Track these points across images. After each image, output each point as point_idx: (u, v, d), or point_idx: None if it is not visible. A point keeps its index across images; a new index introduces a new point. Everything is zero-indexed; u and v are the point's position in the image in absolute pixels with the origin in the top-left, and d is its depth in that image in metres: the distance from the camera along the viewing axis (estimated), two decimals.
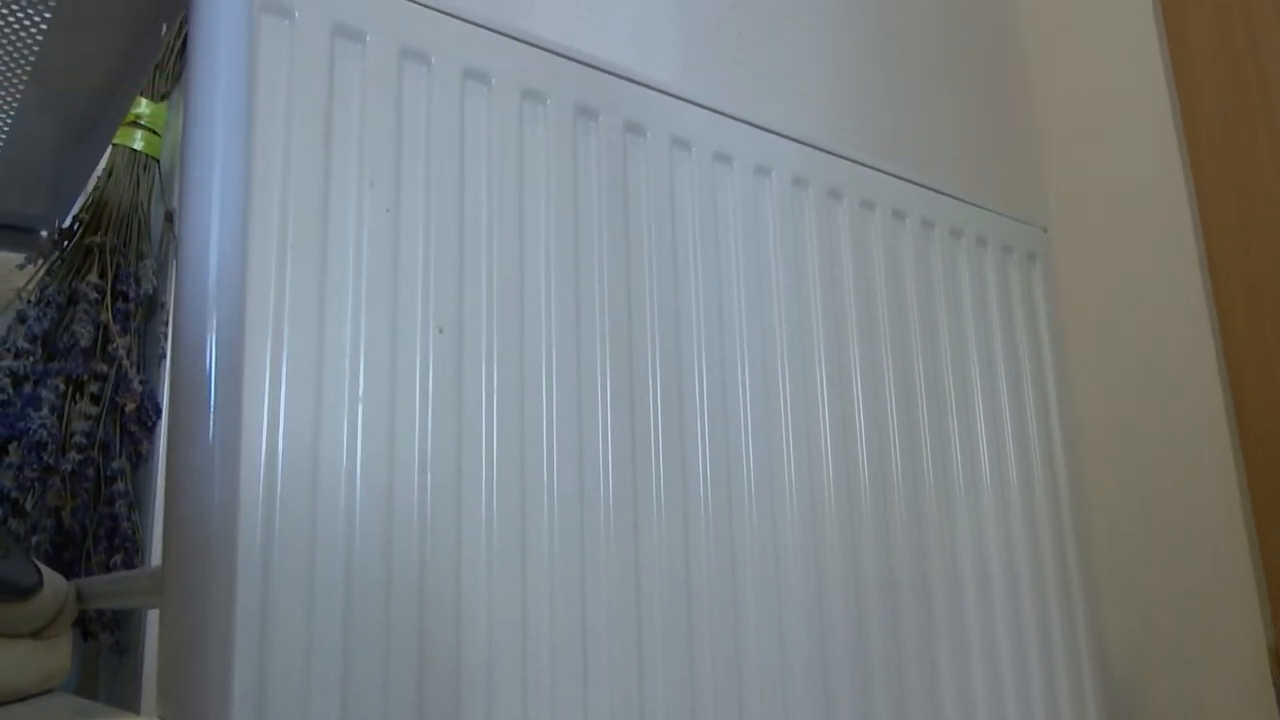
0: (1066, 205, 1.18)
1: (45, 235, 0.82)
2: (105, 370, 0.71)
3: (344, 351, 0.47)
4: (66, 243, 0.77)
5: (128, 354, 0.71)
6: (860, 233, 0.74)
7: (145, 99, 0.79)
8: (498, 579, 0.49)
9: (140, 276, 0.75)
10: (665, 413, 0.59)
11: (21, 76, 0.62)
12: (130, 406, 0.70)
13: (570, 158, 0.58)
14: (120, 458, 0.70)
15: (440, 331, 0.50)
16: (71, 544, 0.68)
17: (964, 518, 0.75)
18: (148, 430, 0.72)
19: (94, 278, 0.72)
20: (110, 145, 0.77)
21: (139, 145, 0.79)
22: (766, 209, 0.69)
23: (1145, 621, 1.05)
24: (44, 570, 0.55)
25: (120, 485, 0.69)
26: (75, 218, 0.78)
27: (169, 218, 0.78)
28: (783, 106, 0.95)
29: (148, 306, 0.76)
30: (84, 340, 0.70)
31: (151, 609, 0.65)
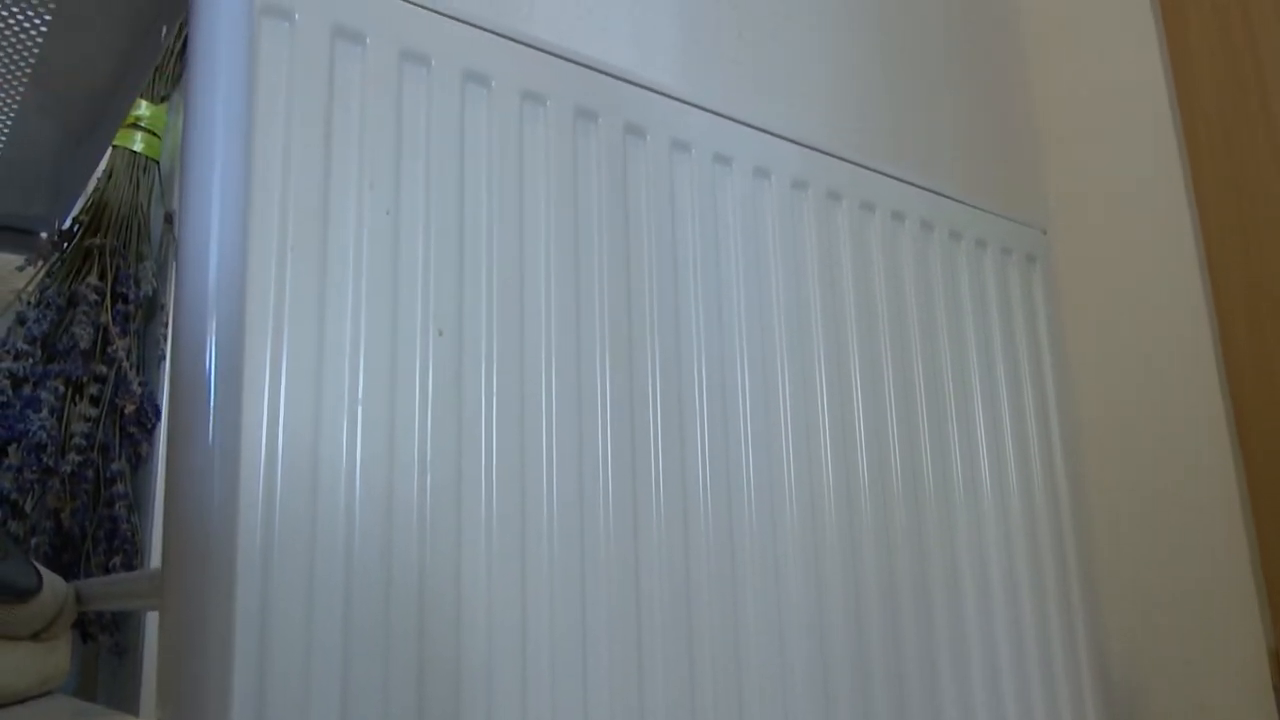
0: (1066, 205, 1.18)
1: (45, 237, 0.82)
2: (105, 372, 0.71)
3: (344, 353, 0.47)
4: (66, 244, 0.77)
5: (127, 356, 0.71)
6: (860, 234, 0.74)
7: (145, 101, 0.79)
8: (497, 580, 0.49)
9: (140, 278, 0.75)
10: (665, 414, 0.59)
11: (21, 78, 0.62)
12: (130, 408, 0.70)
13: (570, 160, 0.58)
14: (120, 459, 0.70)
15: (440, 333, 0.50)
16: (71, 546, 0.68)
17: (963, 519, 0.75)
18: (147, 432, 0.72)
19: (94, 279, 0.72)
20: (110, 147, 0.78)
21: (139, 147, 0.79)
22: (766, 211, 0.69)
23: (1145, 622, 1.05)
24: (43, 572, 0.55)
25: (120, 487, 0.69)
26: (75, 219, 0.78)
27: (169, 219, 0.78)
28: (783, 107, 0.95)
29: (147, 308, 0.76)
30: (84, 342, 0.70)
31: (151, 611, 0.65)
